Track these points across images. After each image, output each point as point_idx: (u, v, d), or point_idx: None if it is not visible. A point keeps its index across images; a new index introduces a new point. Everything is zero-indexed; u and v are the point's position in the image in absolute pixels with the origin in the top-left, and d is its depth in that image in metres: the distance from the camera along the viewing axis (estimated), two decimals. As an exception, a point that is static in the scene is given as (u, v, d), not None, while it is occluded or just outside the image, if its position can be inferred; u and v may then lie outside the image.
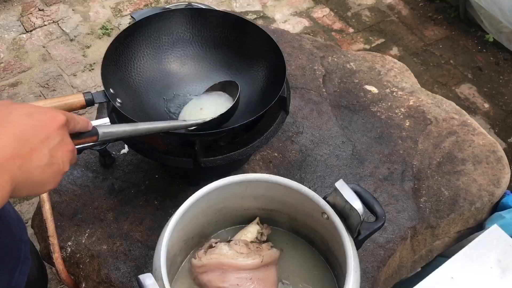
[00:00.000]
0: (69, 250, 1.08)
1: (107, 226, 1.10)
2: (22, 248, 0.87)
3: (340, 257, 0.86)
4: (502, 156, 1.25)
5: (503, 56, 2.48)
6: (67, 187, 1.17)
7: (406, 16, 2.71)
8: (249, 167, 1.20)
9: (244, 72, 1.16)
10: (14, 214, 0.89)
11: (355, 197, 0.79)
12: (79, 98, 0.99)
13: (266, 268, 0.91)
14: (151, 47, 1.15)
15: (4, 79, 2.32)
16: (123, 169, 1.20)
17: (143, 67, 1.14)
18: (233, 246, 0.91)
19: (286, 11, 2.72)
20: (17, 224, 0.87)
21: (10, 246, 0.83)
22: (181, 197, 1.14)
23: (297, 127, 1.29)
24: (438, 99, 1.39)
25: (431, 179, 1.20)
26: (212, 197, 0.88)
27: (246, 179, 0.88)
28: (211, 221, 0.96)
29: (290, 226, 0.99)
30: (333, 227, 0.82)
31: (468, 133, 1.29)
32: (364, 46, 2.55)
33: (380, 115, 1.32)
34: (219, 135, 1.02)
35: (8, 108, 0.56)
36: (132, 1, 2.70)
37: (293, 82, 1.39)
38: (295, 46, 1.50)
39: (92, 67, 2.38)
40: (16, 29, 2.54)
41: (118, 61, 1.08)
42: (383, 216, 0.82)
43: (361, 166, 1.21)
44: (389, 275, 1.13)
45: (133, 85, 1.11)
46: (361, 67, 1.45)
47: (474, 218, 1.21)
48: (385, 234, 1.10)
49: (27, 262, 0.87)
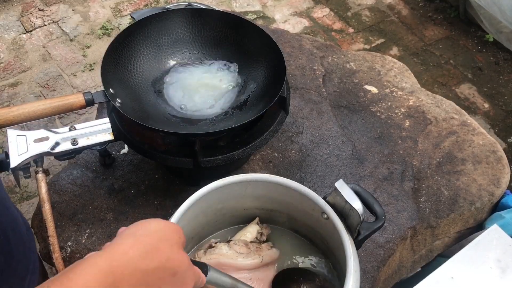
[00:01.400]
0: (69, 250, 1.08)
1: (107, 226, 1.10)
2: (31, 257, 0.86)
3: (340, 257, 0.86)
4: (502, 156, 1.25)
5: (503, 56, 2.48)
6: (67, 187, 1.17)
7: (406, 16, 2.71)
8: (249, 167, 1.20)
9: (244, 72, 1.16)
10: (23, 222, 0.88)
11: (355, 197, 0.79)
12: (79, 98, 0.99)
13: (265, 268, 0.91)
14: (151, 47, 1.15)
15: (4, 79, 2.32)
16: (123, 169, 1.20)
17: (143, 67, 1.14)
18: (233, 246, 0.91)
19: (286, 11, 2.72)
20: (26, 232, 0.87)
21: (20, 256, 0.83)
22: (181, 197, 1.14)
23: (297, 127, 1.29)
24: (438, 99, 1.39)
25: (431, 179, 1.20)
26: (212, 197, 0.88)
27: (246, 179, 0.88)
28: (211, 221, 0.96)
29: (290, 226, 0.99)
30: (333, 227, 0.82)
31: (468, 133, 1.29)
32: (364, 46, 2.55)
33: (380, 115, 1.32)
34: (219, 135, 1.02)
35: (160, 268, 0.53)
36: (132, 1, 2.70)
37: (293, 82, 1.39)
38: (295, 46, 1.50)
39: (92, 67, 2.38)
40: (16, 29, 2.54)
41: (118, 61, 1.08)
42: (383, 216, 0.82)
43: (361, 166, 1.21)
44: (389, 275, 1.13)
45: (133, 85, 1.11)
46: (361, 67, 1.45)
47: (474, 218, 1.21)
48: (385, 234, 1.10)
49: (36, 271, 0.87)
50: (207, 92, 1.13)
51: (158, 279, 0.53)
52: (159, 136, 1.01)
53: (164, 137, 1.01)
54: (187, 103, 1.11)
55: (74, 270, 0.47)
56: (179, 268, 0.55)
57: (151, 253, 0.52)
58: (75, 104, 0.99)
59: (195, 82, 1.15)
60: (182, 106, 1.11)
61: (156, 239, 0.54)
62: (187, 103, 1.11)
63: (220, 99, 1.12)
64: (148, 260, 0.52)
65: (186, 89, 1.13)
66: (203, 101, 1.12)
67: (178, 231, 0.59)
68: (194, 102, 1.11)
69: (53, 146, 1.00)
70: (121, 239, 0.53)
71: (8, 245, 0.78)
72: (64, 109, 0.98)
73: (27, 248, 0.85)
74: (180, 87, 1.14)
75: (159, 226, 0.57)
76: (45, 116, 0.97)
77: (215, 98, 1.12)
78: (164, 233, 0.56)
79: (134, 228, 0.55)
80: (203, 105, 1.11)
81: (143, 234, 0.54)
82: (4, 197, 0.80)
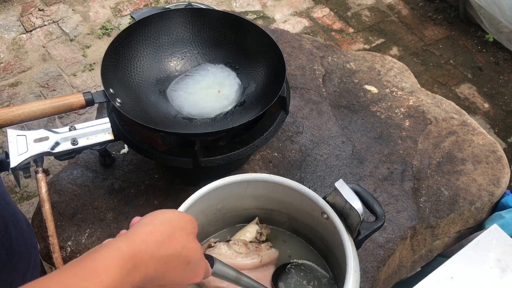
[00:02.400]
0: (69, 250, 1.08)
1: (107, 226, 1.10)
2: (32, 252, 0.86)
3: (340, 257, 0.86)
4: (502, 156, 1.25)
5: (503, 56, 2.48)
6: (67, 187, 1.17)
7: (406, 16, 2.71)
8: (249, 167, 1.20)
9: (244, 72, 1.16)
10: (23, 217, 0.88)
11: (355, 197, 0.79)
12: (79, 98, 0.99)
13: (265, 268, 0.91)
14: (151, 47, 1.15)
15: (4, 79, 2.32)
16: (123, 169, 1.20)
17: (143, 67, 1.14)
18: (232, 246, 0.91)
19: (286, 11, 2.72)
20: (27, 228, 0.87)
21: (22, 252, 0.83)
22: (181, 197, 1.14)
23: (297, 127, 1.29)
24: (438, 99, 1.39)
25: (431, 179, 1.20)
26: (211, 197, 0.88)
27: (246, 179, 0.88)
28: (211, 221, 0.96)
29: (289, 226, 0.99)
30: (333, 227, 0.82)
31: (468, 133, 1.29)
32: (364, 46, 2.55)
33: (380, 115, 1.32)
34: (219, 135, 1.02)
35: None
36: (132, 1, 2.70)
37: (293, 82, 1.39)
38: (295, 46, 1.50)
39: (92, 67, 2.38)
40: (16, 29, 2.54)
41: (118, 61, 1.08)
42: (383, 216, 0.82)
43: (361, 166, 1.21)
44: (389, 275, 1.13)
45: (133, 85, 1.11)
46: (361, 67, 1.45)
47: (474, 218, 1.21)
48: (385, 234, 1.10)
49: (37, 267, 0.87)
50: (207, 92, 1.13)
51: (174, 266, 0.55)
52: (159, 136, 1.01)
53: (164, 137, 1.01)
54: (187, 103, 1.11)
55: (98, 252, 0.49)
56: (193, 256, 0.57)
57: (168, 241, 0.54)
58: (75, 104, 0.99)
59: (197, 84, 1.15)
60: (182, 106, 1.11)
61: (172, 228, 0.56)
62: (187, 103, 1.11)
63: (221, 99, 1.12)
64: (165, 247, 0.54)
65: (187, 90, 1.13)
66: (203, 101, 1.11)
67: (192, 221, 0.60)
68: (194, 102, 1.11)
69: (53, 146, 1.00)
70: (139, 227, 0.54)
71: (9, 240, 0.78)
72: (64, 109, 0.98)
73: (28, 244, 0.85)
74: (181, 88, 1.14)
75: (174, 215, 0.58)
76: (45, 116, 0.98)
77: (215, 98, 1.12)
78: (179, 222, 0.57)
79: (150, 217, 0.57)
80: (203, 105, 1.11)
81: (159, 222, 0.56)
82: (4, 192, 0.80)
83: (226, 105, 1.11)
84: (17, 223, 0.82)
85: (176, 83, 1.15)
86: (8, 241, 0.78)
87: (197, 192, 0.85)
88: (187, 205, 0.83)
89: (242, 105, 1.10)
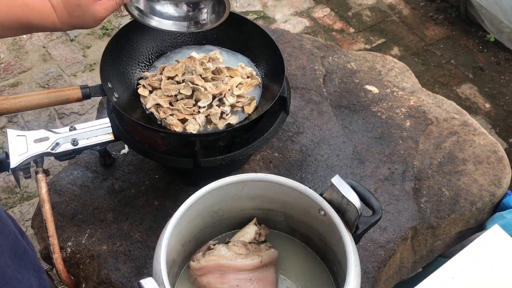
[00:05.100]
0: (69, 251, 1.08)
1: (107, 227, 1.10)
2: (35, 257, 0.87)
3: (339, 253, 0.86)
4: (503, 156, 1.25)
5: (504, 56, 2.48)
6: (67, 187, 1.17)
7: (407, 16, 2.71)
8: (249, 167, 1.20)
9: (244, 72, 1.15)
10: (13, 225, 0.88)
11: (352, 192, 0.79)
12: (75, 90, 0.99)
13: (265, 269, 0.91)
14: (152, 43, 1.15)
15: (4, 79, 2.32)
16: (123, 169, 1.20)
17: (143, 63, 1.13)
18: (232, 247, 0.90)
19: (286, 11, 2.71)
20: (22, 237, 0.88)
21: (31, 253, 0.84)
22: (181, 197, 1.14)
23: (297, 127, 1.28)
24: (439, 99, 1.39)
25: (432, 179, 1.20)
26: (208, 199, 0.87)
27: (241, 179, 0.88)
28: (208, 224, 0.95)
29: (287, 225, 0.99)
30: (331, 223, 0.82)
31: (469, 133, 1.29)
32: (364, 46, 2.54)
33: (381, 115, 1.32)
34: (219, 135, 1.02)
35: None
36: (133, 1, 2.69)
37: (294, 82, 1.39)
38: (296, 46, 1.49)
39: (92, 67, 2.38)
40: (17, 29, 2.54)
41: (118, 55, 1.08)
42: (380, 209, 0.82)
43: (361, 166, 1.21)
44: (389, 275, 1.13)
45: (132, 80, 1.10)
46: (362, 67, 1.45)
47: (475, 219, 1.21)
48: (385, 234, 1.09)
49: (42, 271, 0.87)
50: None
51: (71, 10, 0.84)
52: (159, 136, 1.01)
53: (164, 137, 1.01)
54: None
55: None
56: (80, 1, 0.84)
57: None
58: (72, 96, 0.98)
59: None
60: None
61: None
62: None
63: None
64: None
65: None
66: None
67: None
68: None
69: (53, 146, 0.99)
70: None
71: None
72: (60, 101, 0.98)
73: (32, 249, 0.86)
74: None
75: None
76: (41, 107, 0.97)
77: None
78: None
79: None
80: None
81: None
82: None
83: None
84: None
85: None
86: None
87: (192, 196, 0.84)
88: (183, 209, 0.82)
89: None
